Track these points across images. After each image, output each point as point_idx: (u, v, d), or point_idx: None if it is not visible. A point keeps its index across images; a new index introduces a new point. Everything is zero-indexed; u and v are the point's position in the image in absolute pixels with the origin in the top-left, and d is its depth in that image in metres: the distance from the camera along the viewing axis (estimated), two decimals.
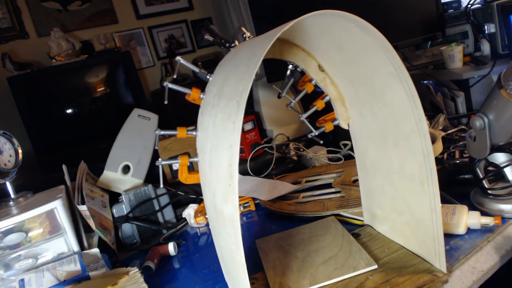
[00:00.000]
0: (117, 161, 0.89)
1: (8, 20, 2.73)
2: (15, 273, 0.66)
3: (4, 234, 0.66)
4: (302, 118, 0.60)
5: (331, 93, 0.59)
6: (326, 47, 0.55)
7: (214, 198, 0.45)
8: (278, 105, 1.29)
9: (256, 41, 0.46)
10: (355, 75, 0.55)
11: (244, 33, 0.85)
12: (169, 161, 0.53)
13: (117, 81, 2.81)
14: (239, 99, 0.40)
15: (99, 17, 3.04)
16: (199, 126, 0.51)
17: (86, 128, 2.68)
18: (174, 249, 0.72)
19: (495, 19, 1.27)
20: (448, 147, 0.87)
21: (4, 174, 0.75)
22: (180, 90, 0.53)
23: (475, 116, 0.61)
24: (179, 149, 1.03)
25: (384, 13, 1.22)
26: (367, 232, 0.65)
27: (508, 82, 0.56)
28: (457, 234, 0.59)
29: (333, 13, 0.44)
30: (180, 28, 3.40)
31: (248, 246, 0.68)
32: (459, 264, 0.53)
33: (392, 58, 0.48)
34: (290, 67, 0.59)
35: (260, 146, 1.11)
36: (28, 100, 2.45)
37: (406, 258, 0.55)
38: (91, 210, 0.73)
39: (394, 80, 0.49)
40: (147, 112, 0.97)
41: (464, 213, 0.59)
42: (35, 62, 2.73)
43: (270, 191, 0.88)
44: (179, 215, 0.87)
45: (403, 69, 0.48)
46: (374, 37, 0.47)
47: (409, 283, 0.50)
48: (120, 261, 0.75)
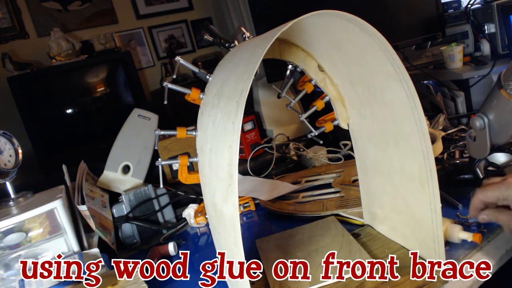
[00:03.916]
0: (117, 161, 0.89)
1: (8, 20, 2.73)
2: (15, 273, 0.66)
3: (4, 234, 0.66)
4: (302, 118, 0.60)
5: (331, 93, 0.60)
6: (325, 47, 0.55)
7: (214, 198, 0.45)
8: (278, 105, 1.29)
9: (256, 41, 0.46)
10: (355, 75, 0.55)
11: (243, 33, 0.85)
12: (169, 161, 0.53)
13: (117, 81, 2.81)
14: (238, 99, 0.40)
15: (99, 17, 3.04)
16: (198, 126, 0.51)
17: (86, 128, 2.68)
18: (174, 249, 0.72)
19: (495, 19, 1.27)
20: (448, 147, 0.87)
21: (4, 174, 0.75)
22: (180, 90, 0.53)
23: (475, 116, 0.61)
24: (179, 149, 1.03)
25: (384, 13, 1.22)
26: (367, 232, 0.65)
27: (508, 82, 0.56)
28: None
29: (333, 13, 0.44)
30: (180, 28, 3.40)
31: (248, 246, 0.68)
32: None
33: (392, 58, 0.48)
34: (290, 67, 0.59)
35: (260, 146, 1.11)
36: (28, 100, 2.45)
37: (406, 258, 0.55)
38: (91, 210, 0.73)
39: (394, 80, 0.49)
40: (147, 112, 0.97)
41: (444, 225, 0.56)
42: (35, 62, 2.73)
43: (270, 191, 0.88)
44: (179, 215, 0.87)
45: (402, 69, 0.48)
46: (374, 37, 0.47)
47: (409, 283, 0.50)
48: None
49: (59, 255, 0.69)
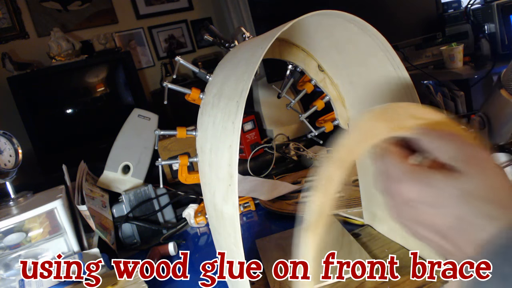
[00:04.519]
0: (117, 161, 0.89)
1: (8, 20, 2.73)
2: (15, 273, 0.66)
3: (4, 234, 0.66)
4: (302, 118, 0.60)
5: (331, 93, 0.60)
6: (325, 47, 0.55)
7: (214, 198, 0.45)
8: (278, 105, 1.29)
9: (256, 41, 0.46)
10: (355, 75, 0.55)
11: (243, 33, 0.85)
12: (169, 161, 0.53)
13: (117, 81, 2.81)
14: (238, 99, 0.40)
15: (99, 17, 3.04)
16: (198, 126, 0.51)
17: (86, 128, 2.68)
18: (174, 249, 0.72)
19: (495, 19, 1.27)
20: None
21: (4, 174, 0.75)
22: (180, 90, 0.53)
23: (475, 116, 0.61)
24: (179, 149, 1.03)
25: (384, 13, 1.22)
26: (367, 232, 0.65)
27: (508, 82, 0.56)
28: None
29: (333, 13, 0.44)
30: (180, 28, 3.40)
31: (248, 246, 0.68)
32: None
33: (392, 58, 0.48)
34: (290, 67, 0.59)
35: (260, 146, 1.11)
36: (28, 100, 2.45)
37: (406, 258, 0.55)
38: (91, 210, 0.73)
39: (394, 80, 0.49)
40: (147, 112, 0.97)
41: None
42: (35, 62, 2.73)
43: (270, 191, 0.88)
44: (179, 215, 0.87)
45: (402, 69, 0.48)
46: (374, 37, 0.47)
47: (409, 283, 0.50)
48: None
49: (59, 255, 0.69)
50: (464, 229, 0.28)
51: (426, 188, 0.30)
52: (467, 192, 0.28)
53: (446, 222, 0.29)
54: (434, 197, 0.29)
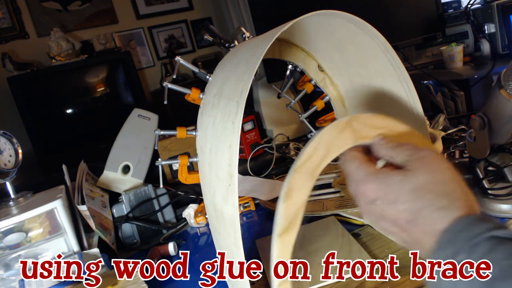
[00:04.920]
0: (117, 161, 0.89)
1: (8, 20, 2.73)
2: (15, 273, 0.66)
3: (4, 234, 0.66)
4: (302, 118, 0.61)
5: (331, 93, 0.60)
6: (325, 47, 0.55)
7: (214, 198, 0.45)
8: (278, 105, 1.29)
9: (256, 41, 0.46)
10: (355, 75, 0.55)
11: (243, 33, 0.85)
12: (169, 161, 0.53)
13: (117, 81, 2.82)
14: (238, 99, 0.40)
15: (99, 17, 3.04)
16: (198, 126, 0.51)
17: (86, 128, 2.68)
18: (174, 249, 0.72)
19: (495, 19, 1.27)
20: (448, 147, 0.87)
21: (4, 174, 0.75)
22: (180, 90, 0.54)
23: (475, 116, 0.61)
24: (179, 149, 1.03)
25: (384, 13, 1.22)
26: (367, 232, 0.65)
27: (508, 82, 0.56)
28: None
29: (333, 13, 0.44)
30: (180, 28, 3.40)
31: (248, 246, 0.68)
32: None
33: (392, 58, 0.48)
34: (290, 67, 0.59)
35: (260, 146, 1.11)
36: (28, 100, 2.45)
37: (406, 258, 0.55)
38: (91, 210, 0.73)
39: (394, 81, 0.49)
40: (147, 112, 0.97)
41: None
42: (35, 62, 2.73)
43: (270, 191, 0.88)
44: (179, 215, 0.87)
45: (403, 69, 0.48)
46: (374, 37, 0.47)
47: (409, 283, 0.50)
48: None
49: (59, 255, 0.69)
50: (420, 222, 0.32)
51: (386, 187, 0.34)
52: (418, 187, 0.32)
53: (405, 216, 0.33)
54: (393, 194, 0.33)
